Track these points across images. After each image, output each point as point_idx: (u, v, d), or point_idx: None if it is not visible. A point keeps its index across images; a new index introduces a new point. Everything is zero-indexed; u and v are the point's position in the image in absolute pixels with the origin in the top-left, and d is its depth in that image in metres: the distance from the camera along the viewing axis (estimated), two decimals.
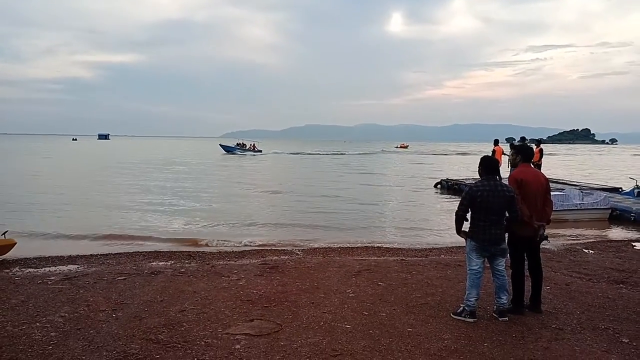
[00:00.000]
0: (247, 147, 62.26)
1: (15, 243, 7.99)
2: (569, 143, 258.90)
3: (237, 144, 63.03)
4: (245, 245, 9.78)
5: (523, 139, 16.99)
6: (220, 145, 64.86)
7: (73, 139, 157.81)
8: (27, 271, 7.06)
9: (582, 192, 14.64)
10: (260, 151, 61.91)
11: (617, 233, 11.95)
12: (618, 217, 13.32)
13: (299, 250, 9.07)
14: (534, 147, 17.60)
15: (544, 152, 17.10)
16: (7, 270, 7.08)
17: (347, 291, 5.97)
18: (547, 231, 5.20)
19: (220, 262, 7.77)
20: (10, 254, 7.91)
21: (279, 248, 9.42)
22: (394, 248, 9.63)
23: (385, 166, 44.02)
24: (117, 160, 44.23)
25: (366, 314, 5.12)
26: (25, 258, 8.00)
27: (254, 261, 7.86)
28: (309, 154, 69.78)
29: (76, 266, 7.47)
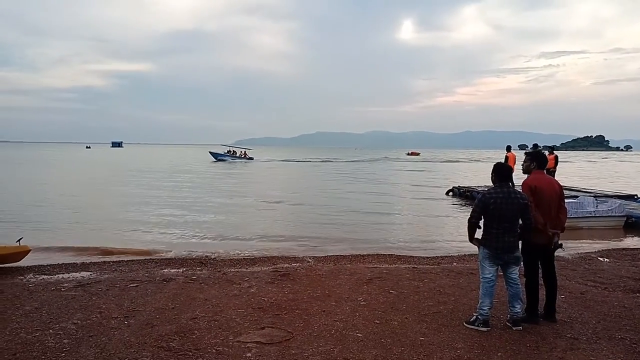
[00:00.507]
0: (238, 155, 61.84)
1: (30, 250, 8.07)
2: (583, 150, 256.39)
3: (228, 152, 62.62)
4: (257, 253, 9.78)
5: (536, 145, 16.84)
6: (210, 152, 64.26)
7: (87, 147, 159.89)
8: (41, 278, 7.14)
9: (596, 199, 14.46)
10: (252, 158, 61.17)
11: (632, 241, 11.75)
12: (633, 224, 13.12)
13: (310, 258, 9.05)
14: (547, 153, 17.45)
15: (558, 159, 16.95)
16: (22, 277, 7.16)
17: (359, 299, 5.94)
18: (562, 239, 5.14)
19: (232, 270, 7.78)
20: (25, 261, 7.99)
21: (290, 255, 9.40)
22: (405, 256, 9.56)
23: (393, 174, 43.58)
24: (128, 168, 44.65)
25: (378, 322, 5.09)
26: (39, 265, 8.09)
27: (265, 269, 7.86)
28: (306, 161, 69.12)
29: (89, 273, 7.53)
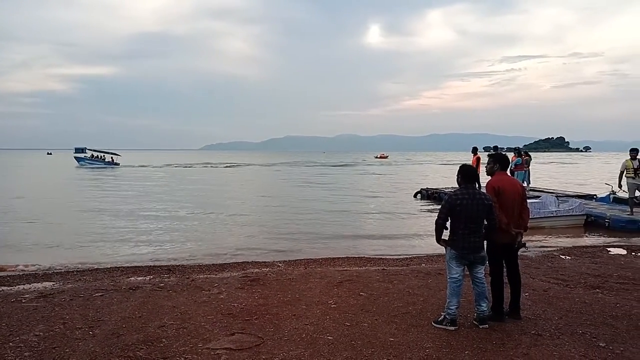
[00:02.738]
0: (101, 158, 61.40)
1: None
2: (544, 151, 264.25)
3: (92, 156, 62.18)
4: (226, 258, 9.68)
5: (496, 147, 17.34)
6: (75, 157, 63.86)
7: (48, 154, 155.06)
8: (1, 289, 6.86)
9: (558, 199, 14.91)
10: (118, 164, 60.48)
11: (592, 239, 12.18)
12: (593, 223, 13.59)
13: (280, 262, 9.01)
14: (511, 156, 17.96)
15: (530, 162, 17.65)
16: None
17: (329, 302, 5.95)
18: (525, 238, 5.29)
19: (201, 276, 7.66)
20: None
21: (260, 260, 9.34)
22: (375, 258, 9.64)
23: (359, 178, 43.99)
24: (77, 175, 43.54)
25: (348, 324, 5.11)
26: None
27: (234, 274, 7.78)
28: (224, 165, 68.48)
29: (52, 283, 7.28)
